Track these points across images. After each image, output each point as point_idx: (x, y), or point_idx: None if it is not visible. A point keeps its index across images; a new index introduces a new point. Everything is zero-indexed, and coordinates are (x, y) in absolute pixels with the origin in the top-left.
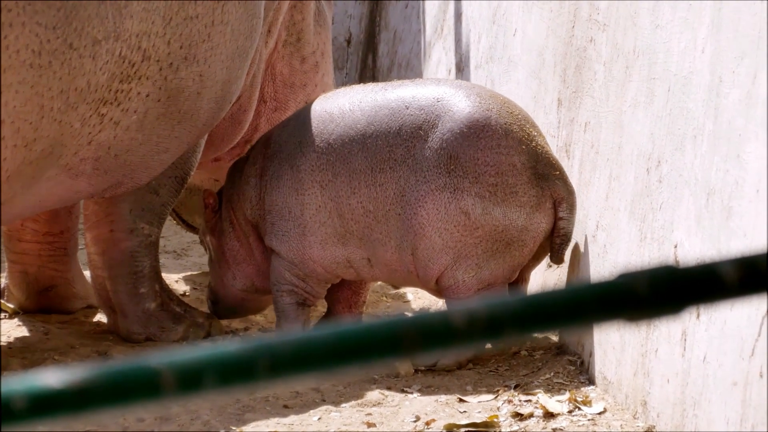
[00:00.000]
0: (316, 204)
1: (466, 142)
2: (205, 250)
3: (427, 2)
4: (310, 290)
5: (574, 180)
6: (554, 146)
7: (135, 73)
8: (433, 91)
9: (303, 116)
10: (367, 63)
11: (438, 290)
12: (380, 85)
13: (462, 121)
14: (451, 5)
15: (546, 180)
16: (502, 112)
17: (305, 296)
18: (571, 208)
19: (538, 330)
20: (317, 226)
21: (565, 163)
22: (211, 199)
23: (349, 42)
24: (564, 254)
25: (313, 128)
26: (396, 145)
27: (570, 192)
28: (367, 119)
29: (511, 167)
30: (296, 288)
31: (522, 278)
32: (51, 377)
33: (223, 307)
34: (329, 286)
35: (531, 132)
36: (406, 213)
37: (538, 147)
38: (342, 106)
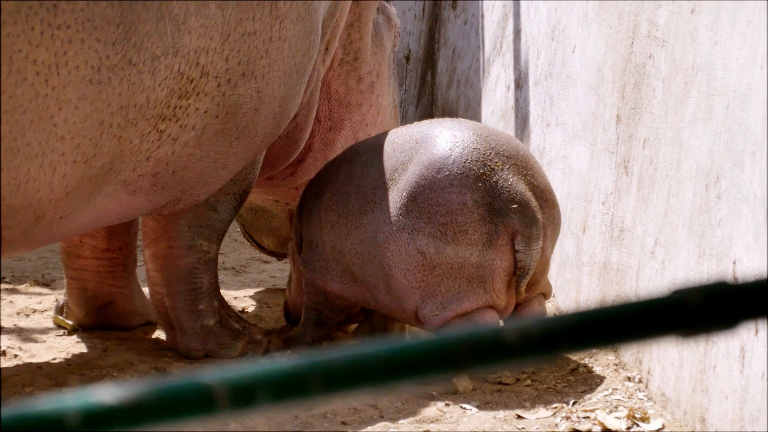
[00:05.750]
0: (332, 242)
1: (423, 183)
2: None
3: (486, 19)
4: (328, 315)
5: (632, 196)
6: (613, 162)
7: (193, 89)
8: (420, 133)
9: (342, 154)
10: (426, 79)
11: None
12: (410, 125)
13: (424, 162)
14: (510, 22)
15: (501, 215)
16: (467, 150)
17: (327, 316)
18: (529, 240)
19: (591, 346)
20: (333, 264)
21: (623, 180)
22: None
23: (408, 59)
24: (522, 287)
25: (334, 168)
26: (377, 187)
27: (528, 224)
28: (366, 161)
29: (462, 206)
30: (319, 306)
31: (536, 302)
32: (105, 393)
33: (293, 321)
34: (347, 313)
35: (497, 166)
36: (377, 254)
37: (500, 181)
38: (361, 147)
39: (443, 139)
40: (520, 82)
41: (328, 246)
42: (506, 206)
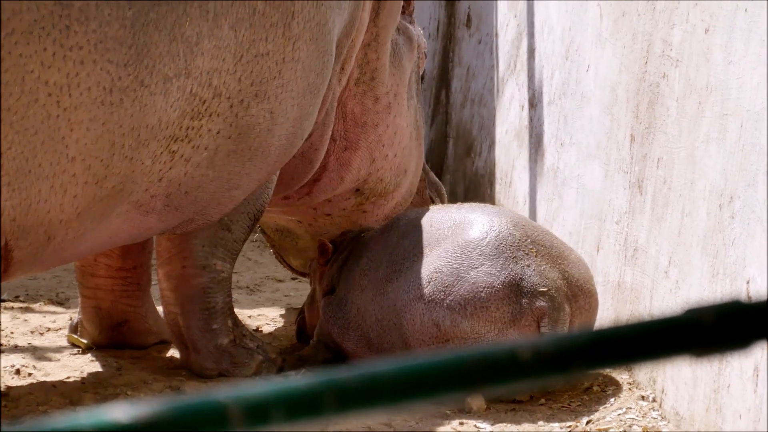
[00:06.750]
0: (357, 305)
1: (453, 258)
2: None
3: (500, 38)
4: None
5: (646, 216)
6: (626, 182)
7: (206, 110)
8: (460, 216)
9: (387, 222)
10: (440, 98)
11: None
12: (452, 206)
13: (458, 242)
14: (524, 41)
15: (528, 297)
16: (502, 234)
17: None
18: (555, 324)
19: (604, 365)
20: (354, 326)
21: (637, 199)
22: (322, 250)
23: (422, 78)
24: None
25: (378, 234)
26: (407, 258)
27: (556, 308)
28: (404, 232)
29: (488, 285)
30: (330, 336)
31: None
32: (119, 411)
33: (306, 339)
34: None
35: (531, 252)
36: (396, 322)
37: (532, 266)
38: (403, 218)
39: (481, 223)
40: (534, 102)
41: (354, 308)
42: (535, 289)
